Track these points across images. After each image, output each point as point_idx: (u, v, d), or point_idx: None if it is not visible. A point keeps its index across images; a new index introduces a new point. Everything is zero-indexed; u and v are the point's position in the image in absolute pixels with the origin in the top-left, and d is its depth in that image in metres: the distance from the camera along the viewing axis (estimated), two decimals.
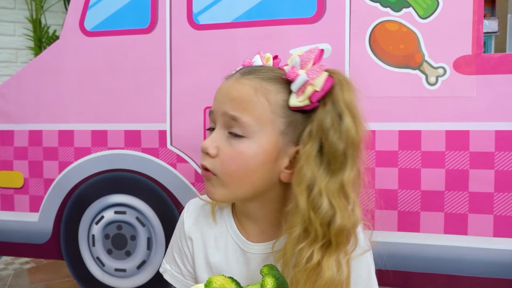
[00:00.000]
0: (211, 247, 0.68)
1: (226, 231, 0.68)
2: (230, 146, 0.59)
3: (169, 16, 1.08)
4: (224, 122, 0.60)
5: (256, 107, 0.58)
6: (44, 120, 1.18)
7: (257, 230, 0.66)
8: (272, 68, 0.63)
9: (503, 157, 0.89)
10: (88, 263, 1.19)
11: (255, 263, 0.65)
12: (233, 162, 0.59)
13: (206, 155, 0.60)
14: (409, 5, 0.92)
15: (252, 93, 0.59)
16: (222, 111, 0.60)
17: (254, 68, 0.62)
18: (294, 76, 0.58)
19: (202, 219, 0.70)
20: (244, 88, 0.59)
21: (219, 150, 0.59)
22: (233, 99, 0.59)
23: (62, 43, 1.17)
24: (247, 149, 0.58)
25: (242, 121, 0.58)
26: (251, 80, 0.60)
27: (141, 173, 1.12)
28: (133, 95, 1.11)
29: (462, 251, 0.92)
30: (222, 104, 0.60)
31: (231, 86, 0.61)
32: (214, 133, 0.60)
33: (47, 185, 1.19)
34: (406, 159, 0.94)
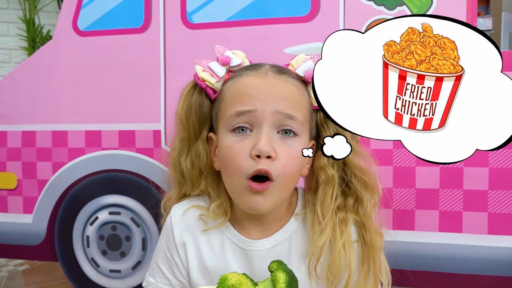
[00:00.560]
0: (206, 251, 0.66)
1: (220, 233, 0.67)
2: (287, 146, 0.58)
3: (162, 15, 1.08)
4: (274, 122, 0.57)
5: (303, 106, 0.61)
6: (38, 120, 1.17)
7: (260, 228, 0.65)
8: (289, 69, 0.64)
9: (496, 155, 0.89)
10: (83, 265, 1.18)
11: (258, 260, 0.65)
12: (294, 163, 0.59)
13: (266, 160, 0.56)
14: (403, 3, 0.92)
15: (298, 92, 0.61)
16: (273, 110, 0.57)
17: (280, 67, 0.63)
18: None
19: (192, 224, 0.68)
20: (291, 86, 0.60)
21: (276, 152, 0.57)
22: (285, 97, 0.59)
23: (55, 43, 1.16)
24: (302, 148, 0.58)
25: (297, 119, 0.59)
26: (290, 79, 0.61)
27: (135, 174, 1.11)
28: (127, 95, 1.10)
29: (457, 248, 0.93)
30: (272, 102, 0.57)
31: (276, 83, 0.59)
32: (266, 134, 0.57)
33: (40, 186, 1.18)
34: (400, 158, 0.94)
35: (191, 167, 0.67)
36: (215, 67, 0.64)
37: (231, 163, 0.59)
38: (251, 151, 0.57)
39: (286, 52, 0.98)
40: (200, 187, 0.68)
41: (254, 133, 0.58)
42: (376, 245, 0.63)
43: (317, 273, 0.62)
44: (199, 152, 0.66)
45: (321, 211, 0.63)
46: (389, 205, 0.94)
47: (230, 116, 0.59)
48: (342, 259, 0.61)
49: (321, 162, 0.63)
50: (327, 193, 0.62)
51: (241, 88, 0.60)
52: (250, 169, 0.57)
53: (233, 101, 0.60)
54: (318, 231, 0.62)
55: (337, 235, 0.62)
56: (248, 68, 0.63)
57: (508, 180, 0.89)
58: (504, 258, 0.91)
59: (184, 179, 0.68)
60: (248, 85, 0.60)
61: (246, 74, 0.62)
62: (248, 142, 0.58)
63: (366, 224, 0.63)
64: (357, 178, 0.63)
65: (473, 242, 0.92)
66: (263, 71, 0.61)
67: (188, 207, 0.68)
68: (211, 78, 0.64)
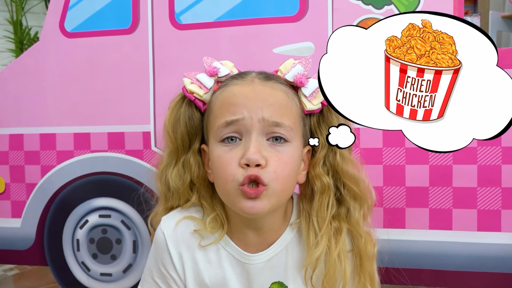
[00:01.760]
0: (202, 263, 0.65)
1: (216, 245, 0.65)
2: (278, 152, 0.58)
3: (151, 16, 1.07)
4: (262, 129, 0.57)
5: (291, 112, 0.60)
6: (25, 123, 1.16)
7: (257, 240, 0.64)
8: (277, 75, 0.64)
9: (485, 152, 0.90)
10: (73, 268, 1.17)
11: (256, 273, 0.64)
12: (286, 167, 0.59)
13: (255, 167, 0.56)
14: (390, 3, 0.93)
15: (286, 98, 0.60)
16: (260, 117, 0.57)
17: (267, 74, 0.62)
18: (305, 82, 0.61)
19: (187, 237, 0.66)
20: (278, 93, 0.60)
21: (266, 159, 0.57)
22: (272, 104, 0.58)
23: (42, 45, 1.15)
24: (293, 153, 0.59)
25: (285, 125, 0.58)
26: (278, 85, 0.61)
27: (125, 176, 1.11)
28: (115, 96, 1.09)
29: (447, 246, 0.93)
30: (259, 109, 0.57)
31: (263, 90, 0.59)
32: (255, 142, 0.57)
33: (29, 190, 1.17)
34: (390, 156, 0.94)
35: (178, 180, 0.65)
36: (203, 79, 0.64)
37: (221, 173, 0.59)
38: (240, 160, 0.57)
39: (275, 52, 0.98)
40: (192, 201, 0.66)
41: (243, 142, 0.58)
42: (367, 253, 0.63)
43: (313, 283, 0.62)
44: (190, 164, 0.65)
45: (317, 221, 0.62)
46: (380, 204, 0.94)
47: (219, 126, 0.59)
48: (337, 269, 0.61)
49: (316, 171, 0.62)
50: (323, 203, 0.62)
51: (228, 98, 0.60)
52: (241, 177, 0.57)
53: (221, 111, 0.60)
54: (314, 243, 0.62)
55: (332, 245, 0.62)
56: (234, 77, 0.63)
57: (496, 177, 0.90)
58: (494, 254, 0.92)
59: (170, 192, 0.67)
60: (235, 94, 0.59)
61: (233, 83, 0.61)
62: (238, 151, 0.58)
63: (356, 233, 0.63)
64: (347, 187, 0.63)
65: (463, 239, 0.93)
66: (250, 79, 0.61)
67: (180, 219, 0.66)
68: (199, 90, 0.63)
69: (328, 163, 0.62)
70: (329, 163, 0.62)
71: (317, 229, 0.62)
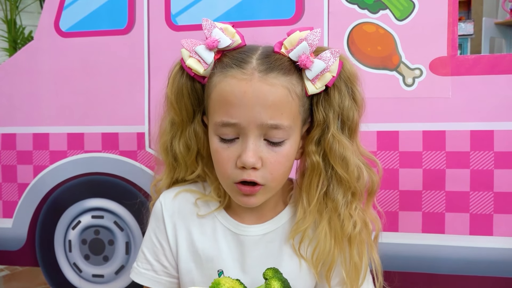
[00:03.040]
0: (197, 234, 0.66)
1: (212, 217, 0.66)
2: (274, 152, 0.57)
3: (146, 17, 1.07)
4: (259, 132, 0.56)
5: (291, 107, 0.58)
6: (18, 123, 1.15)
7: (254, 214, 0.65)
8: (280, 56, 0.59)
9: (478, 157, 0.91)
10: (65, 270, 1.16)
11: (250, 245, 0.65)
12: (282, 166, 0.59)
13: (251, 170, 0.56)
14: (386, 7, 0.93)
15: (286, 93, 0.57)
16: (259, 122, 0.55)
17: (269, 60, 0.58)
18: (310, 64, 0.57)
19: (183, 208, 0.67)
20: (278, 90, 0.56)
21: (262, 160, 0.57)
22: (270, 106, 0.55)
23: (36, 44, 1.14)
24: (290, 149, 0.58)
25: (283, 126, 0.56)
26: (278, 78, 0.56)
27: (119, 177, 1.10)
28: (110, 97, 1.09)
29: (440, 249, 0.94)
30: (256, 114, 0.55)
31: (260, 89, 0.55)
32: (252, 144, 0.56)
33: (21, 190, 1.16)
34: (384, 160, 0.95)
35: (185, 151, 0.65)
36: (202, 53, 0.59)
37: (219, 168, 0.60)
38: (236, 161, 0.57)
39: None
40: (196, 172, 0.66)
41: (240, 141, 0.58)
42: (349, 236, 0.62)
43: (302, 255, 0.63)
44: (197, 133, 0.64)
45: (306, 197, 0.62)
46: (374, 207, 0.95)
47: (216, 123, 0.58)
48: (327, 245, 0.62)
49: (309, 148, 0.62)
50: (312, 180, 0.62)
51: (225, 94, 0.57)
52: (236, 177, 0.58)
53: (218, 108, 0.58)
54: (302, 216, 0.63)
55: (323, 221, 0.62)
56: (234, 62, 0.58)
57: (488, 181, 0.91)
58: (485, 258, 0.92)
59: (178, 163, 0.66)
60: (232, 91, 0.56)
61: (232, 74, 0.57)
62: (234, 150, 0.58)
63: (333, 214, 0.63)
64: (334, 170, 0.61)
65: (456, 243, 0.93)
66: (250, 70, 0.57)
67: (179, 191, 0.68)
68: (199, 66, 0.60)
69: (322, 141, 0.61)
70: (323, 142, 0.61)
71: (306, 205, 0.62)
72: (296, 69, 0.59)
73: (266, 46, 0.63)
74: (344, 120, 0.61)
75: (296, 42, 0.59)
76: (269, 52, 0.61)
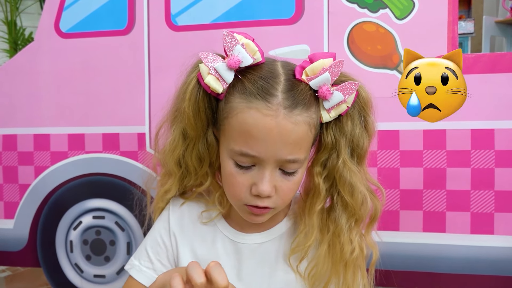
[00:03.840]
0: (197, 240, 0.68)
1: (213, 225, 0.68)
2: (287, 181, 0.59)
3: (146, 17, 1.07)
4: (277, 164, 0.57)
5: (309, 141, 0.59)
6: (19, 124, 1.15)
7: (253, 224, 0.66)
8: (302, 87, 0.57)
9: (478, 155, 0.91)
10: (66, 270, 1.16)
11: (247, 253, 0.66)
12: (292, 192, 0.61)
13: (265, 198, 0.58)
14: (386, 6, 0.93)
15: (307, 130, 0.57)
16: (278, 158, 0.56)
17: (293, 94, 0.56)
18: (329, 96, 0.58)
19: (187, 216, 0.70)
20: (300, 128, 0.56)
21: (276, 188, 0.59)
22: (291, 143, 0.56)
23: (36, 45, 1.14)
24: (301, 176, 0.61)
25: (300, 160, 0.58)
26: (302, 114, 0.56)
27: (120, 177, 1.10)
28: (110, 97, 1.09)
29: (441, 248, 0.94)
30: (278, 150, 0.55)
31: (284, 127, 0.55)
32: (269, 176, 0.57)
33: (22, 191, 1.16)
34: (385, 159, 0.95)
35: (197, 163, 0.65)
36: (223, 72, 0.57)
37: (232, 190, 0.60)
38: (251, 187, 0.58)
39: (271, 54, 0.98)
40: (206, 184, 0.67)
41: (256, 170, 0.58)
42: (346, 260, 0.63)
43: (299, 271, 0.64)
44: (210, 145, 0.64)
45: (308, 215, 0.63)
46: None
47: (233, 150, 0.58)
48: (325, 267, 0.63)
49: (315, 169, 0.63)
50: (314, 200, 0.63)
51: (248, 127, 0.55)
52: (249, 202, 0.59)
53: (238, 137, 0.57)
54: (303, 233, 0.64)
55: (324, 240, 0.63)
56: (259, 93, 0.55)
57: (489, 180, 0.90)
58: (486, 257, 0.92)
59: (189, 173, 0.67)
60: (256, 125, 0.55)
61: (256, 106, 0.55)
62: (250, 177, 0.58)
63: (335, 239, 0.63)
64: (340, 194, 0.62)
65: (457, 242, 0.93)
66: (275, 106, 0.54)
67: (186, 201, 0.70)
68: (218, 85, 0.57)
69: (329, 165, 0.62)
70: (330, 166, 0.62)
71: (308, 224, 0.63)
72: (315, 99, 0.59)
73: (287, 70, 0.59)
74: (354, 147, 0.62)
75: (318, 71, 0.57)
76: (292, 81, 0.58)
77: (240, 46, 0.57)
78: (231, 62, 0.56)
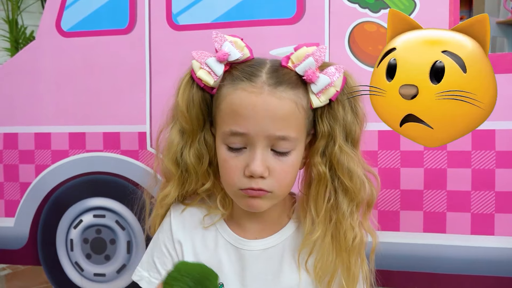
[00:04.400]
0: (199, 246, 0.68)
1: (215, 230, 0.68)
2: (281, 162, 0.59)
3: (148, 17, 1.07)
4: (268, 143, 0.58)
5: (298, 120, 0.60)
6: (20, 122, 1.15)
7: (257, 227, 0.66)
8: (288, 71, 0.61)
9: (479, 156, 0.91)
10: (67, 269, 1.17)
11: (250, 260, 0.65)
12: (288, 175, 0.61)
13: (259, 179, 0.59)
14: (387, 6, 0.93)
15: (294, 107, 0.59)
16: (267, 134, 0.58)
17: (278, 75, 0.60)
18: (315, 78, 0.60)
19: (189, 222, 0.69)
20: (286, 103, 0.58)
21: (269, 170, 0.59)
22: (278, 119, 0.58)
23: (38, 44, 1.14)
24: (295, 159, 0.61)
25: (290, 138, 0.59)
26: (287, 92, 0.59)
27: (120, 176, 1.10)
28: (111, 96, 1.09)
29: (441, 249, 0.94)
30: (265, 126, 0.57)
31: (269, 102, 0.58)
32: (260, 154, 0.58)
33: (23, 189, 1.16)
34: (385, 159, 0.95)
35: (196, 161, 0.65)
36: (213, 65, 0.61)
37: (226, 176, 0.62)
38: (244, 169, 0.59)
39: (272, 54, 0.98)
40: (207, 185, 0.67)
41: (248, 151, 0.59)
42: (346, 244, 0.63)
43: (307, 268, 0.63)
44: (208, 142, 0.65)
45: (314, 207, 0.64)
46: (375, 206, 0.95)
47: (224, 132, 0.60)
48: (330, 257, 0.63)
49: (314, 159, 0.63)
50: (319, 191, 0.63)
51: (235, 105, 0.59)
52: (244, 185, 0.60)
53: (227, 118, 0.60)
54: (310, 229, 0.64)
55: (327, 230, 0.63)
56: (245, 76, 0.60)
57: (490, 181, 0.90)
58: (487, 257, 0.92)
59: (189, 173, 0.67)
60: (242, 104, 0.58)
61: (242, 87, 0.59)
62: (242, 159, 0.59)
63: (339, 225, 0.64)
64: (340, 179, 0.63)
65: (457, 243, 0.93)
66: (260, 84, 0.58)
67: (186, 207, 0.70)
68: (209, 77, 0.61)
69: (327, 153, 0.63)
70: (328, 153, 0.63)
71: (315, 216, 0.63)
72: (302, 83, 0.61)
73: (273, 60, 0.64)
74: (347, 133, 0.64)
75: (302, 57, 0.61)
76: (277, 66, 0.62)
77: (228, 43, 0.62)
78: (219, 55, 0.61)
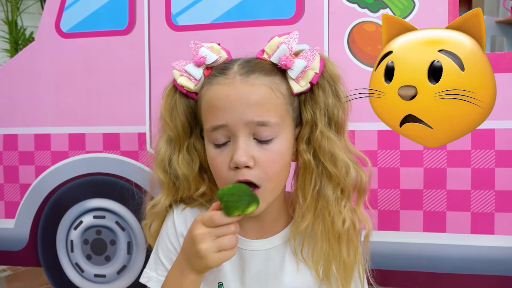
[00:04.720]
0: None
1: None
2: (265, 150, 0.59)
3: (147, 17, 1.07)
4: (248, 131, 0.58)
5: (277, 105, 0.59)
6: (20, 124, 1.15)
7: (257, 227, 0.66)
8: (261, 60, 0.62)
9: (479, 155, 0.91)
10: (67, 270, 1.17)
11: (250, 260, 0.65)
12: (275, 165, 0.60)
13: (245, 169, 0.58)
14: (386, 6, 0.93)
15: (270, 92, 0.59)
16: (245, 121, 0.57)
17: (250, 64, 0.61)
18: (291, 63, 0.60)
19: (190, 219, 0.67)
20: (260, 88, 0.59)
21: (254, 159, 0.58)
22: (255, 104, 0.57)
23: (37, 45, 1.14)
24: (281, 147, 0.60)
25: (271, 123, 0.58)
26: (260, 78, 0.59)
27: (120, 177, 1.10)
28: (111, 97, 1.09)
29: (441, 248, 0.94)
30: (242, 113, 0.57)
31: (244, 90, 0.58)
32: (242, 144, 0.57)
33: (23, 191, 1.16)
34: (385, 159, 0.95)
35: (186, 167, 0.66)
36: (192, 70, 0.63)
37: (216, 173, 0.62)
38: (230, 163, 0.59)
39: None
40: (202, 189, 0.67)
41: (231, 144, 0.59)
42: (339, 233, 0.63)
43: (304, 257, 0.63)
44: (197, 149, 0.66)
45: (302, 196, 0.63)
46: (375, 206, 0.95)
47: (207, 130, 0.61)
48: (324, 244, 0.63)
49: (300, 147, 0.63)
50: (306, 179, 0.63)
51: (211, 100, 0.60)
52: (232, 178, 0.59)
53: (207, 114, 0.61)
54: (299, 216, 0.63)
55: (317, 220, 0.63)
56: (218, 71, 0.62)
57: (490, 180, 0.90)
58: (487, 256, 0.92)
59: (179, 181, 0.67)
60: (217, 96, 0.59)
61: (216, 81, 0.60)
62: (227, 153, 0.59)
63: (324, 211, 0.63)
64: (324, 167, 0.62)
65: (457, 242, 0.93)
66: (231, 75, 0.59)
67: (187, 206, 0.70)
68: (189, 82, 0.63)
69: (312, 139, 0.62)
70: (312, 140, 0.62)
71: (303, 204, 0.63)
72: (278, 71, 0.62)
73: (249, 56, 0.65)
74: (330, 117, 0.63)
75: (275, 46, 0.61)
76: (250, 58, 0.64)
77: (204, 48, 0.64)
78: (196, 60, 0.63)
